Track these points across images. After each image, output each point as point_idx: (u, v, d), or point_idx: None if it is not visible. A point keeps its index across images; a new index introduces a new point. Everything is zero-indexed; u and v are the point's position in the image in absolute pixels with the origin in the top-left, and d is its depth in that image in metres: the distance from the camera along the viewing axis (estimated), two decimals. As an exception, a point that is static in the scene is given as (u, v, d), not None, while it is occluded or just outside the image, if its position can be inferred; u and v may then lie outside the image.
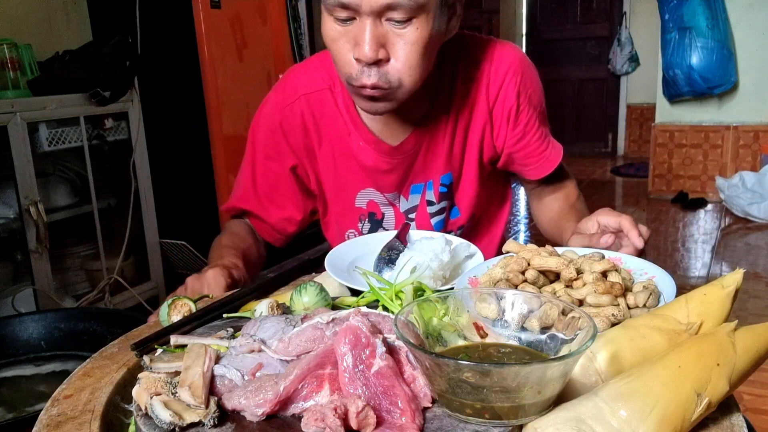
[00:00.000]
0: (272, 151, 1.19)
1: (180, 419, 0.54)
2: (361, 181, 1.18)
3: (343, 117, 1.14)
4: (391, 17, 0.91)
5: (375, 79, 0.94)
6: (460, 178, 1.18)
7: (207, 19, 2.85)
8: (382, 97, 0.97)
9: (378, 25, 0.91)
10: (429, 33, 0.93)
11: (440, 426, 0.55)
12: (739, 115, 4.64)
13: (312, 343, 0.62)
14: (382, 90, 0.96)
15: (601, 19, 6.80)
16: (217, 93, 2.94)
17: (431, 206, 1.19)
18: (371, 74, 0.94)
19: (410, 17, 0.91)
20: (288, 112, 1.16)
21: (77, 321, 1.03)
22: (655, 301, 0.73)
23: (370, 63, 0.93)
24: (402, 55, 0.93)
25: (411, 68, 0.95)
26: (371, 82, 0.94)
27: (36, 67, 2.57)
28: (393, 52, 0.93)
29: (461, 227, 1.23)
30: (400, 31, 0.92)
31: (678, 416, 0.51)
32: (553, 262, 0.77)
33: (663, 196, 4.84)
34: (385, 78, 0.94)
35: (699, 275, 3.27)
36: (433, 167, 1.16)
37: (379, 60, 0.93)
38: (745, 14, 4.49)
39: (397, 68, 0.94)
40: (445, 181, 1.17)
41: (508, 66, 1.12)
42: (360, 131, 1.14)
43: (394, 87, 0.96)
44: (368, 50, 0.91)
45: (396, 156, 1.14)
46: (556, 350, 0.60)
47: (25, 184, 2.30)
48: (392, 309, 0.75)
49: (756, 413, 1.99)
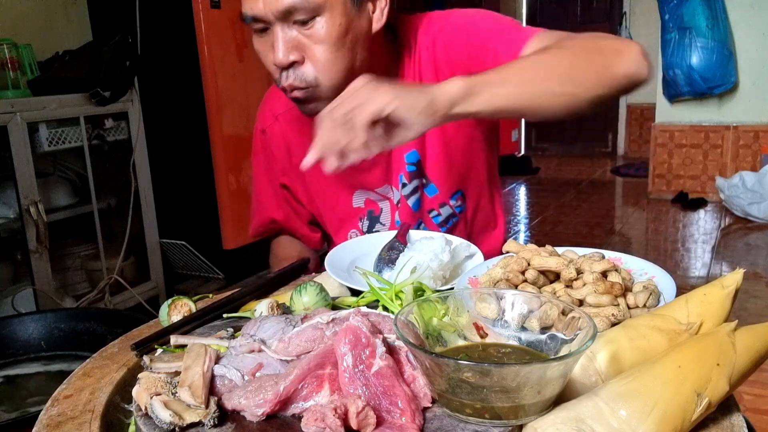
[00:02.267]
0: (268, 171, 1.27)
1: (180, 419, 0.54)
2: (351, 185, 1.20)
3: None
4: (296, 20, 0.95)
5: (291, 80, 0.99)
6: (425, 154, 1.16)
7: (207, 19, 2.85)
8: (305, 98, 1.01)
9: (287, 29, 0.96)
10: (338, 29, 0.96)
11: (440, 426, 0.55)
12: (739, 115, 4.64)
13: (312, 343, 0.62)
14: (301, 90, 1.00)
15: (601, 19, 6.80)
16: (217, 93, 2.94)
17: (404, 188, 1.18)
18: (289, 77, 0.99)
19: (312, 16, 0.95)
20: (269, 134, 1.22)
21: (77, 321, 1.03)
22: (655, 301, 0.73)
23: (286, 66, 0.98)
24: (313, 55, 0.97)
25: (324, 66, 0.98)
26: (287, 84, 0.99)
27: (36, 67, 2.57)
28: (306, 53, 0.97)
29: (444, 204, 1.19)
30: (307, 32, 0.96)
31: (678, 416, 0.51)
32: (553, 262, 0.77)
33: (663, 196, 4.84)
34: (300, 78, 0.98)
35: (699, 275, 3.27)
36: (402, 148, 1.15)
37: (294, 62, 0.97)
38: (745, 14, 4.49)
39: (311, 68, 0.98)
40: (410, 159, 1.16)
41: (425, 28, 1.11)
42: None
43: (312, 86, 0.99)
44: (280, 55, 0.96)
45: None
46: (556, 350, 0.60)
47: (25, 184, 2.30)
48: (392, 309, 0.75)
49: (756, 413, 1.99)
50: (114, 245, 2.74)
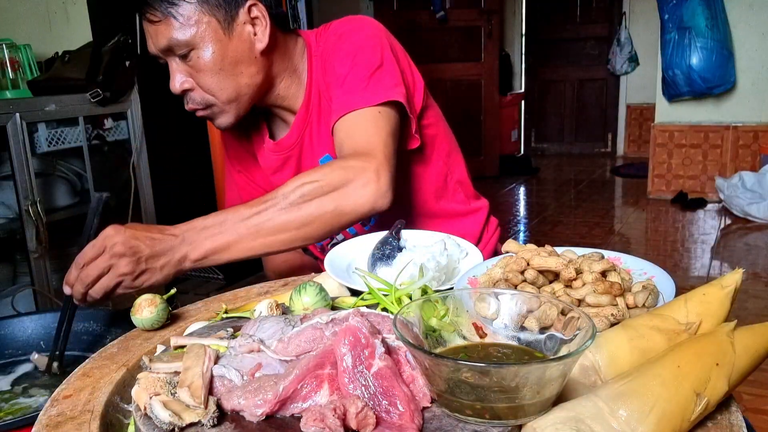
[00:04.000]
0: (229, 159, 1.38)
1: (179, 419, 0.54)
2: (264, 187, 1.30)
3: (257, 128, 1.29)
4: (177, 54, 1.08)
5: (192, 104, 1.13)
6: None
7: (207, 19, 2.84)
8: (208, 115, 1.14)
9: (177, 62, 1.09)
10: (213, 57, 1.07)
11: (439, 426, 0.55)
12: (739, 115, 4.64)
13: (311, 344, 0.62)
14: (202, 110, 1.13)
15: (600, 19, 6.80)
16: (217, 93, 2.94)
17: None
18: (188, 101, 1.13)
19: (188, 50, 1.07)
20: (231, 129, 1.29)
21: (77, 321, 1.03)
22: (654, 300, 0.73)
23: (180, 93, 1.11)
24: (199, 82, 1.09)
25: (211, 89, 1.10)
26: (189, 107, 1.13)
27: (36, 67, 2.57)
28: (195, 80, 1.10)
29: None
30: (189, 63, 1.08)
31: (677, 416, 0.51)
32: (552, 262, 0.77)
33: (662, 196, 4.84)
34: (197, 101, 1.12)
35: (698, 275, 3.27)
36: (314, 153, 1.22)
37: (186, 90, 1.11)
38: (744, 14, 4.49)
39: (201, 92, 1.11)
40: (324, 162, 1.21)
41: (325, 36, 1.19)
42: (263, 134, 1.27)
43: (209, 105, 1.12)
44: (176, 84, 1.10)
45: (280, 151, 1.24)
46: (555, 350, 0.60)
47: (24, 184, 2.30)
48: (392, 309, 0.75)
49: (756, 413, 1.99)
50: (113, 245, 2.73)
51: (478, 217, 1.33)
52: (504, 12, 6.65)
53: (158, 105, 2.97)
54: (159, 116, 2.96)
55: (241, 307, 0.88)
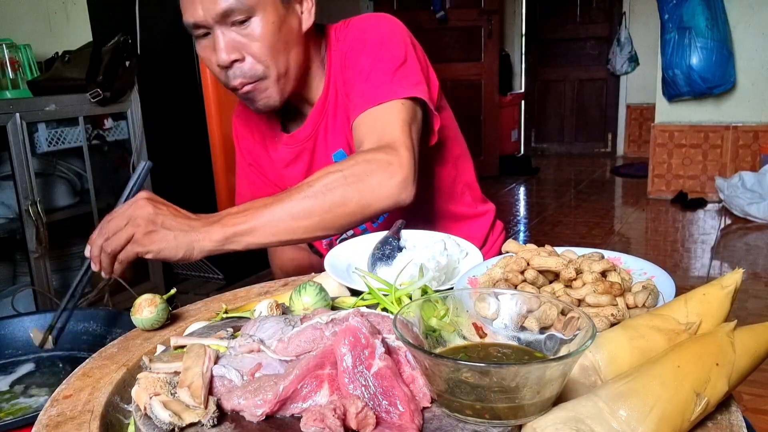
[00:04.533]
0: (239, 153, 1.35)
1: (179, 419, 0.54)
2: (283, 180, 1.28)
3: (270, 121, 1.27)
4: (233, 21, 1.02)
5: (239, 78, 1.06)
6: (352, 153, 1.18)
7: (207, 19, 2.85)
8: (255, 91, 1.08)
9: (227, 31, 1.03)
10: (271, 27, 1.04)
11: (439, 426, 0.55)
12: (739, 115, 4.64)
13: (311, 344, 0.62)
14: (250, 84, 1.07)
15: (600, 19, 6.80)
16: (217, 93, 2.94)
17: None
18: (235, 75, 1.06)
19: (248, 17, 1.02)
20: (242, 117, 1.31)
21: (77, 321, 1.03)
22: (654, 300, 0.73)
23: (228, 66, 1.05)
24: (252, 51, 1.05)
25: (264, 60, 1.05)
26: (238, 81, 1.07)
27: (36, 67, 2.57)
28: (246, 51, 1.05)
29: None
30: (244, 31, 1.03)
31: (677, 416, 0.51)
32: (552, 262, 0.77)
33: (662, 196, 4.84)
34: (247, 74, 1.06)
35: (698, 275, 3.27)
36: (328, 148, 1.21)
37: (236, 60, 1.05)
38: (744, 14, 4.49)
39: (253, 63, 1.05)
40: (337, 158, 1.20)
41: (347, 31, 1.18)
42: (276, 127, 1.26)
43: (260, 78, 1.07)
44: (223, 55, 1.04)
45: (294, 144, 1.23)
46: (555, 350, 0.60)
47: (24, 184, 2.30)
48: (392, 309, 0.75)
49: (756, 413, 1.99)
50: (114, 245, 2.73)
51: (485, 220, 1.33)
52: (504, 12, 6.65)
53: (158, 105, 2.97)
54: (159, 116, 2.96)
55: (241, 307, 0.88)
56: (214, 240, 0.89)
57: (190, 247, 0.88)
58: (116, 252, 0.88)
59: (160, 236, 0.87)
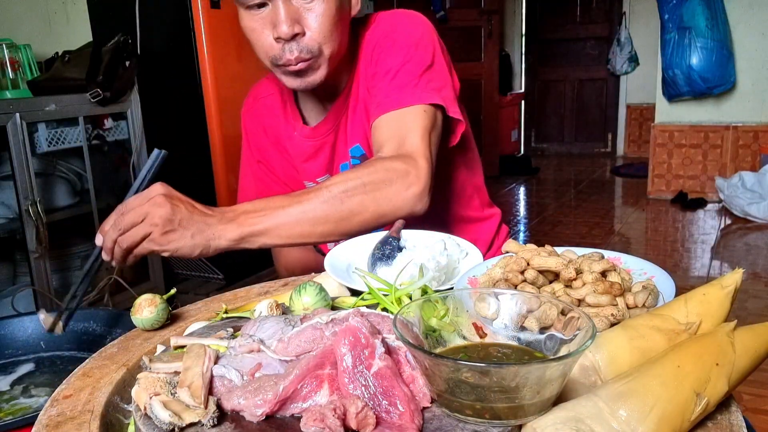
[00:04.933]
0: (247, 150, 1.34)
1: (179, 419, 0.54)
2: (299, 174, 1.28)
3: (287, 115, 1.26)
4: None
5: (297, 52, 1.05)
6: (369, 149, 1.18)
7: (207, 19, 2.85)
8: (308, 68, 1.07)
9: (289, 4, 1.03)
10: (335, 5, 1.05)
11: (439, 426, 0.55)
12: (739, 115, 4.64)
13: (311, 344, 0.62)
14: (305, 61, 1.06)
15: (600, 19, 6.80)
16: (217, 93, 2.94)
17: None
18: (293, 48, 1.04)
19: None
20: (253, 113, 1.31)
21: (77, 321, 1.03)
22: (654, 300, 0.73)
23: (289, 38, 1.03)
24: (315, 26, 1.04)
25: (326, 37, 1.05)
26: (294, 56, 1.05)
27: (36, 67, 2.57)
28: (307, 26, 1.04)
29: None
30: (309, 5, 1.04)
31: (677, 416, 0.51)
32: (552, 262, 0.77)
33: (662, 196, 4.84)
34: (306, 49, 1.05)
35: (698, 275, 3.27)
36: (347, 142, 1.21)
37: (296, 34, 1.03)
38: (744, 14, 4.49)
39: (313, 38, 1.05)
40: (354, 153, 1.20)
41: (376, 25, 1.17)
42: (295, 121, 1.24)
43: (315, 55, 1.06)
44: (286, 27, 1.02)
45: (317, 137, 1.22)
46: (555, 350, 0.60)
47: (24, 184, 2.30)
48: (392, 309, 0.75)
49: (756, 413, 1.99)
50: (114, 245, 2.73)
51: (491, 224, 1.33)
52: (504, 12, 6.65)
53: (158, 105, 2.97)
54: (159, 116, 2.96)
55: (241, 307, 0.88)
56: (230, 239, 0.91)
57: (207, 246, 0.90)
58: (132, 248, 0.89)
59: (177, 235, 0.88)
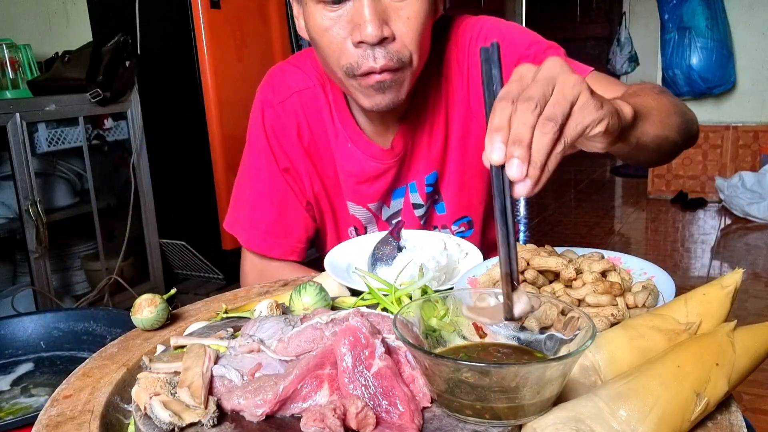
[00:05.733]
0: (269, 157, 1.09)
1: (179, 419, 0.54)
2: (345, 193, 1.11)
3: (333, 118, 1.06)
4: None
5: (383, 60, 0.85)
6: (444, 174, 1.10)
7: (207, 19, 2.85)
8: (392, 82, 0.89)
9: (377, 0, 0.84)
10: (428, 6, 0.88)
11: (439, 426, 0.55)
12: (739, 115, 4.64)
13: (311, 344, 0.62)
14: (392, 72, 0.87)
15: (600, 19, 6.81)
16: (217, 93, 2.94)
17: (418, 209, 1.12)
18: (377, 56, 0.85)
19: None
20: (280, 110, 1.07)
21: (77, 321, 1.03)
22: (654, 300, 0.73)
23: (375, 43, 0.84)
24: (407, 30, 0.86)
25: (418, 44, 0.87)
26: (380, 65, 0.86)
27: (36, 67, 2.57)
28: (396, 29, 0.86)
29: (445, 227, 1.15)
30: (400, 4, 0.85)
31: (677, 416, 0.51)
32: (552, 262, 0.77)
33: (662, 196, 4.84)
34: (395, 57, 0.86)
35: (698, 275, 3.27)
36: (416, 167, 1.09)
37: (385, 38, 0.85)
38: (744, 14, 4.49)
39: (405, 44, 0.86)
40: (430, 181, 1.10)
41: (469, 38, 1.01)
42: (351, 131, 1.05)
43: (405, 65, 0.88)
44: (372, 28, 0.83)
45: (387, 159, 1.06)
46: (555, 350, 0.60)
47: (24, 184, 2.30)
48: (392, 309, 0.75)
49: (756, 413, 1.99)
50: (113, 245, 2.74)
51: None
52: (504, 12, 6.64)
53: (158, 105, 2.97)
54: (159, 116, 2.96)
55: (241, 307, 0.88)
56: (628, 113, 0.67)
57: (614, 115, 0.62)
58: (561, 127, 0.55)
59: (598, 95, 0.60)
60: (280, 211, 1.11)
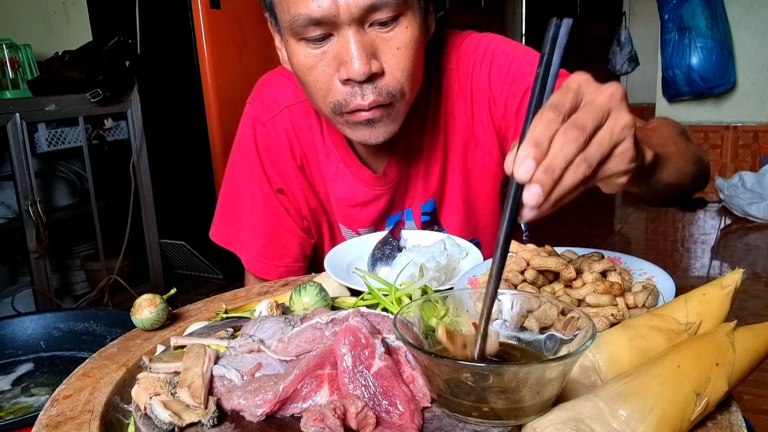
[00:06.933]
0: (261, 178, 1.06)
1: (179, 419, 0.54)
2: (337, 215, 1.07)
3: (324, 137, 1.02)
4: (375, 20, 0.80)
5: (372, 96, 0.82)
6: (443, 203, 1.06)
7: (207, 19, 2.85)
8: (384, 117, 0.85)
9: (363, 33, 0.80)
10: (418, 31, 0.83)
11: (439, 426, 0.55)
12: (739, 115, 4.64)
13: (311, 344, 0.62)
14: (382, 108, 0.84)
15: (600, 19, 6.80)
16: (217, 93, 2.94)
17: None
18: (366, 93, 0.82)
19: (397, 15, 0.81)
20: (270, 127, 1.03)
21: (77, 321, 1.03)
22: (654, 300, 0.73)
23: (363, 80, 0.81)
24: (397, 62, 0.82)
25: (410, 75, 0.84)
26: (368, 101, 0.82)
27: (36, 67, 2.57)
28: (386, 61, 0.82)
29: None
30: (388, 34, 0.81)
31: (677, 416, 0.51)
32: (552, 262, 0.77)
33: (663, 196, 4.84)
34: (384, 92, 0.83)
35: (698, 275, 3.27)
36: (412, 194, 1.05)
37: (373, 74, 0.81)
38: (744, 14, 4.49)
39: (395, 77, 0.83)
40: (426, 209, 1.06)
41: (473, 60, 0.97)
42: (342, 151, 1.01)
43: (396, 99, 0.84)
44: (359, 65, 0.79)
45: (379, 186, 1.02)
46: (555, 350, 0.60)
47: (24, 185, 2.30)
48: (392, 309, 0.75)
49: (756, 413, 1.99)
50: (113, 245, 2.74)
51: None
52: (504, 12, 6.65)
53: (158, 105, 2.97)
54: (159, 116, 2.97)
55: (241, 307, 0.88)
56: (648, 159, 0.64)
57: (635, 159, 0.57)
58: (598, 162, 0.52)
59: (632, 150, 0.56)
60: (273, 234, 1.08)
